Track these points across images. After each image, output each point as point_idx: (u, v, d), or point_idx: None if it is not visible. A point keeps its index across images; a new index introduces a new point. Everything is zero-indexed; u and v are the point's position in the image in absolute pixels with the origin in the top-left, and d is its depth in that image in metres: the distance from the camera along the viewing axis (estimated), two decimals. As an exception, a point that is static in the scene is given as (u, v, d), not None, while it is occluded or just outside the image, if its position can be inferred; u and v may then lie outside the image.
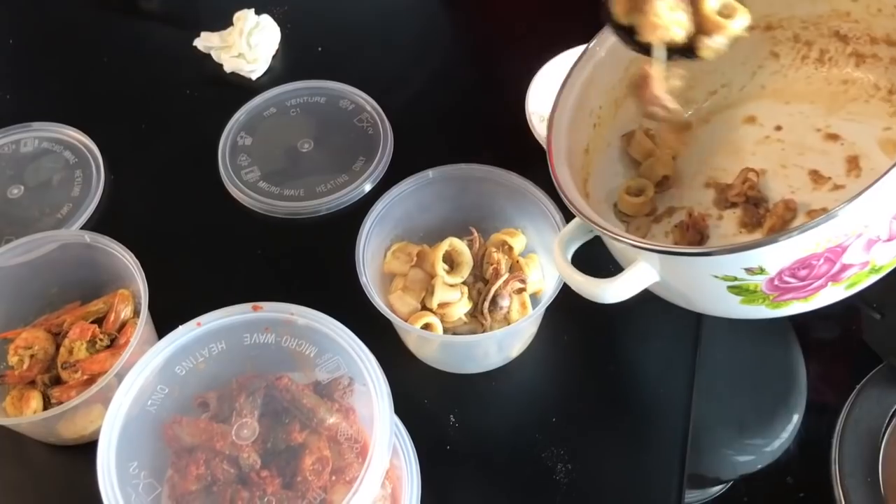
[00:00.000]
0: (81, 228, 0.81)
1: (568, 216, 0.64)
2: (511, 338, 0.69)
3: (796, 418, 0.69)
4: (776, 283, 0.55)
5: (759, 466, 0.67)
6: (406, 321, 0.67)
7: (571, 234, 0.63)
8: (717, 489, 0.69)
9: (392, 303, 0.70)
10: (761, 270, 0.54)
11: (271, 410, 0.55)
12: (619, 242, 0.58)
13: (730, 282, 0.55)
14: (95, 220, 0.82)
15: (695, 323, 0.71)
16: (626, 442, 0.67)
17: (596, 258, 0.65)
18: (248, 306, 0.55)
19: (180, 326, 0.55)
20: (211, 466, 0.53)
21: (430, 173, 0.72)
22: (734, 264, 0.54)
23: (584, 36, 0.70)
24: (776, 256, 0.53)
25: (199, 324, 0.55)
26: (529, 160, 0.80)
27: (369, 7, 1.00)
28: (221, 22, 0.95)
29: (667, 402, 0.68)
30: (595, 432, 0.67)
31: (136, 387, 0.53)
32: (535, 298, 0.71)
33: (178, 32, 0.96)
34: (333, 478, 0.53)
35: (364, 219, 0.70)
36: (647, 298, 0.73)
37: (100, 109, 0.92)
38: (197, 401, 0.56)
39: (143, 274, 0.67)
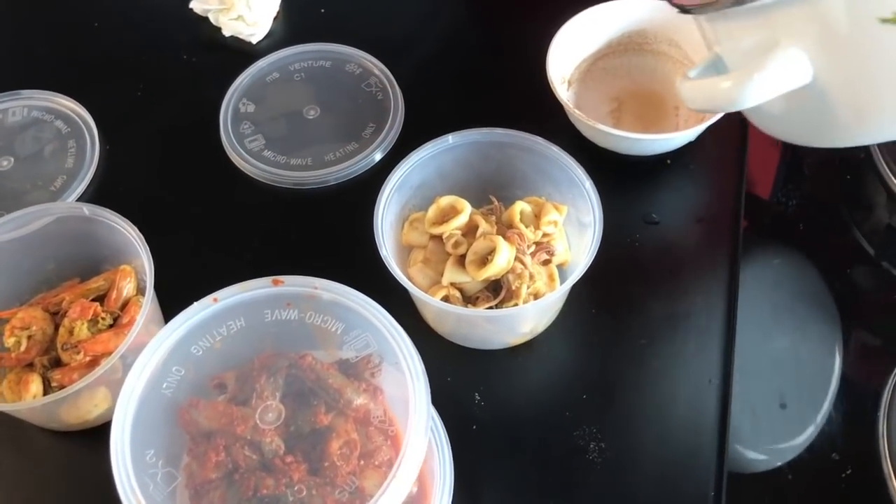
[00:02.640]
0: (77, 201, 0.76)
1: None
2: (539, 313, 0.65)
3: (838, 394, 0.67)
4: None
5: (801, 441, 0.64)
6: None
7: (699, 72, 0.51)
8: (759, 462, 0.66)
9: (412, 276, 0.66)
10: None
11: (294, 391, 0.51)
12: (757, 14, 0.43)
13: None
14: (91, 192, 0.78)
15: (727, 294, 0.68)
16: (661, 418, 0.64)
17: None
18: (267, 280, 0.51)
19: (195, 303, 0.51)
20: (232, 453, 0.49)
21: (449, 138, 0.68)
22: None
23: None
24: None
25: (215, 300, 0.51)
26: (552, 125, 0.77)
27: (375, -35, 0.95)
28: (219, -17, 0.90)
29: (702, 375, 0.65)
30: (628, 408, 0.64)
31: (148, 369, 0.49)
32: (561, 270, 0.68)
33: (175, -6, 0.92)
34: (362, 462, 0.50)
35: (382, 187, 0.66)
36: (676, 269, 0.70)
37: (92, 76, 0.87)
38: (214, 382, 0.52)
39: (148, 248, 0.63)
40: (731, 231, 0.72)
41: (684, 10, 0.49)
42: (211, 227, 0.76)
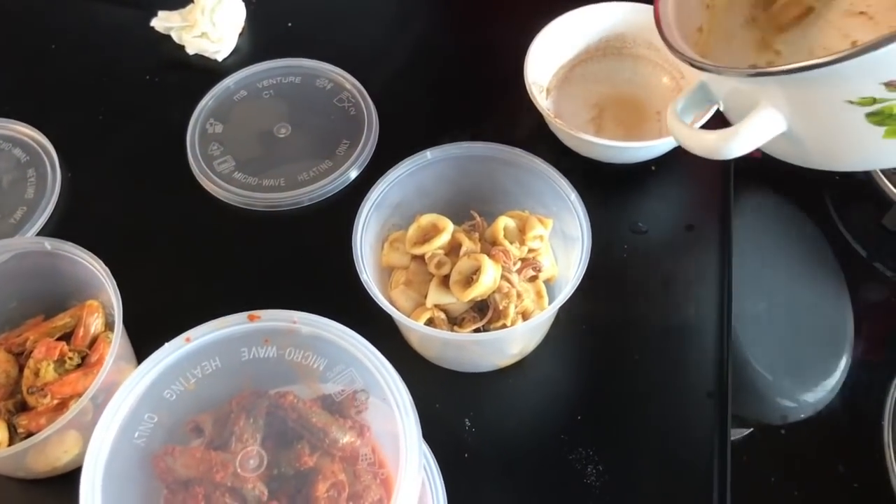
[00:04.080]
0: (38, 234, 0.73)
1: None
2: (529, 333, 0.62)
3: (843, 372, 0.65)
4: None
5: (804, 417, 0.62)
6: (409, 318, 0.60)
7: (686, 101, 0.57)
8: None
9: (394, 299, 0.63)
10: None
11: (276, 432, 0.48)
12: (742, 79, 0.51)
13: (867, 106, 0.46)
14: (54, 223, 0.74)
15: (720, 302, 0.66)
16: (659, 436, 0.61)
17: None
18: (243, 316, 0.48)
19: (166, 344, 0.48)
20: (212, 501, 0.46)
21: (427, 154, 0.65)
22: (870, 76, 0.44)
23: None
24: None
25: (188, 339, 0.48)
26: (533, 136, 0.75)
27: (340, -25, 0.93)
28: (180, -1, 0.87)
29: (699, 389, 0.63)
30: (625, 428, 0.62)
31: (119, 417, 0.46)
32: (548, 286, 0.65)
33: (132, 13, 0.88)
34: (351, 504, 0.47)
35: (359, 207, 0.63)
36: (667, 279, 0.68)
37: (50, 101, 0.83)
38: (189, 426, 0.49)
39: (115, 282, 0.60)
40: (721, 237, 0.70)
41: (691, 64, 0.53)
42: (180, 256, 0.73)
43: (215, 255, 0.72)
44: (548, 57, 0.75)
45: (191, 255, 0.73)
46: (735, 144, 0.51)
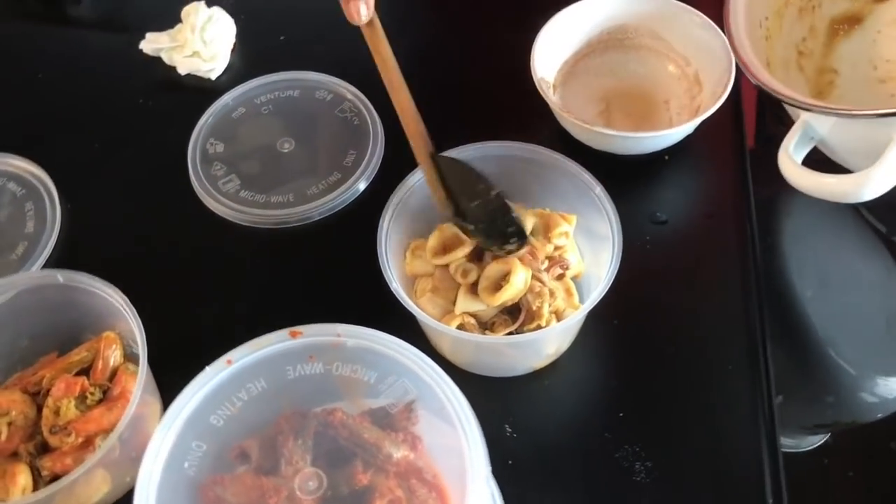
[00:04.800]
0: (43, 267, 0.70)
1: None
2: (565, 332, 0.61)
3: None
4: None
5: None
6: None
7: (795, 142, 0.57)
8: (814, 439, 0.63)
9: (422, 307, 0.61)
10: None
11: (326, 452, 0.46)
12: (870, 119, 0.50)
13: None
14: (57, 256, 0.72)
15: (748, 286, 0.65)
16: (703, 424, 0.60)
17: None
18: (284, 333, 0.46)
19: (207, 368, 0.46)
20: (267, 529, 0.44)
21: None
22: None
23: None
24: None
25: (229, 362, 0.46)
26: (541, 134, 0.73)
27: (329, -18, 0.91)
28: (167, 19, 0.84)
29: (737, 373, 0.61)
30: (668, 420, 0.61)
31: (165, 448, 0.43)
32: (575, 282, 0.64)
33: (119, 37, 0.86)
34: (411, 520, 0.45)
35: (381, 215, 0.61)
36: (692, 268, 0.67)
37: (42, 132, 0.80)
38: (234, 452, 0.46)
39: (135, 310, 0.58)
40: (742, 223, 0.69)
41: (807, 108, 0.55)
42: (192, 279, 0.70)
43: (229, 277, 0.70)
44: (551, 54, 0.74)
45: (203, 278, 0.70)
46: (871, 188, 0.51)
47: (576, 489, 0.58)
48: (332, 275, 0.69)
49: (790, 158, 0.57)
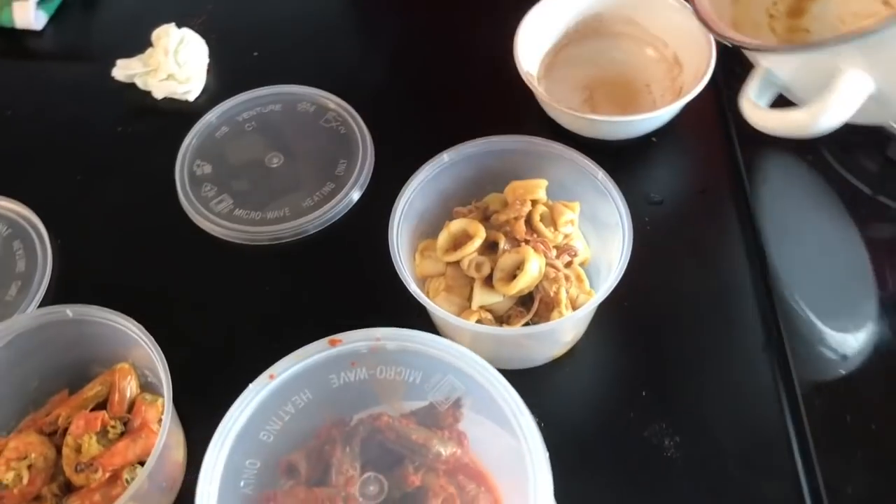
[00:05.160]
0: (40, 305, 0.68)
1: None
2: (583, 318, 0.62)
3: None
4: None
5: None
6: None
7: (757, 88, 0.57)
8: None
9: (439, 306, 0.61)
10: None
11: (374, 457, 0.46)
12: (820, 51, 0.49)
13: None
14: (53, 293, 0.70)
15: (751, 253, 0.67)
16: (725, 395, 0.61)
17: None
18: (323, 342, 0.46)
19: (250, 385, 0.45)
20: (326, 541, 0.43)
21: (445, 156, 0.64)
22: None
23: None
24: None
25: (272, 376, 0.45)
26: (532, 125, 0.74)
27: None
28: (135, 44, 0.83)
29: (751, 341, 0.63)
30: (690, 394, 0.61)
31: (219, 469, 0.43)
32: (583, 269, 0.65)
33: (87, 66, 0.85)
34: (468, 516, 0.45)
35: (390, 218, 0.61)
36: (693, 242, 0.68)
37: (21, 169, 0.79)
38: (282, 466, 0.46)
39: (152, 338, 0.57)
40: (736, 194, 0.71)
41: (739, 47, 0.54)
42: (196, 302, 0.69)
43: (232, 296, 0.69)
44: (531, 46, 0.75)
45: (206, 300, 0.69)
46: (826, 117, 0.50)
47: (609, 472, 0.59)
48: (337, 284, 0.69)
49: (749, 101, 0.57)
